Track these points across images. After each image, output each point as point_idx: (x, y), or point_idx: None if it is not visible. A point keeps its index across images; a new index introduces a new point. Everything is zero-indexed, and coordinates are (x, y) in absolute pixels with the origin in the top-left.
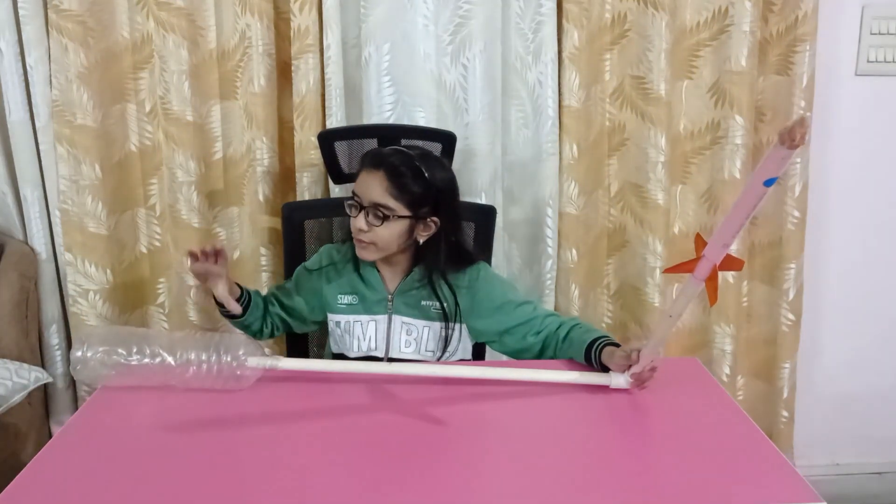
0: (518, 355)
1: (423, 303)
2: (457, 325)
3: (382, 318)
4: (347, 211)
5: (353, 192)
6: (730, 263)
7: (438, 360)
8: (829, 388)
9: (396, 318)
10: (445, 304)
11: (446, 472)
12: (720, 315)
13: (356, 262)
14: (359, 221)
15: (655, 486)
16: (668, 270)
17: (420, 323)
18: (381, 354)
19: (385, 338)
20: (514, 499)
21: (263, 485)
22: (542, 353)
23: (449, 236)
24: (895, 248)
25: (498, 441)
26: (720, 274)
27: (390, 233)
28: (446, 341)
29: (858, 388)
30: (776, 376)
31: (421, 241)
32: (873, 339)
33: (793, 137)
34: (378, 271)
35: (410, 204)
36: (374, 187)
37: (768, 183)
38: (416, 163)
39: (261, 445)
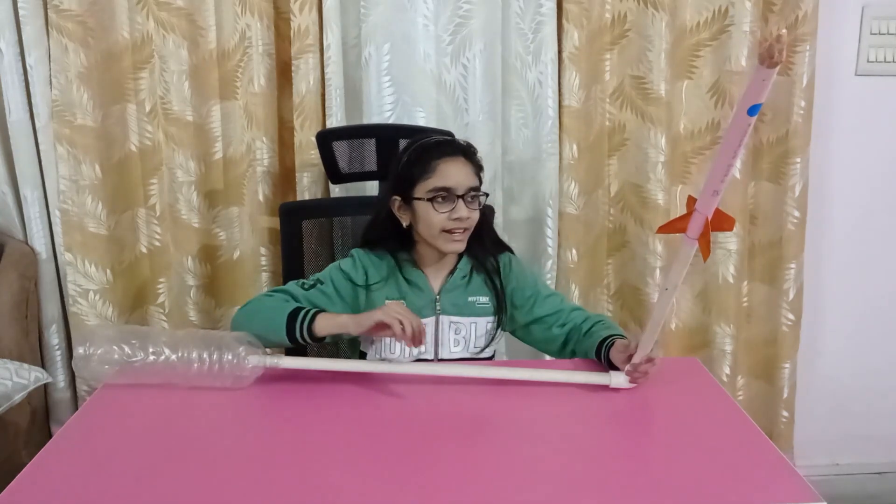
0: (542, 346)
1: (469, 299)
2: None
3: (430, 320)
4: (435, 208)
5: (439, 188)
6: (720, 221)
7: (483, 349)
8: (829, 388)
9: (444, 319)
10: (498, 285)
11: (446, 471)
12: (720, 315)
13: (399, 266)
14: (462, 210)
15: (655, 486)
16: (661, 229)
17: (467, 320)
18: (430, 357)
19: (434, 339)
20: (514, 498)
21: (264, 484)
22: (564, 346)
23: (488, 214)
24: (895, 248)
25: (498, 440)
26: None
27: (478, 213)
28: (498, 325)
29: (858, 388)
30: (776, 376)
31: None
32: (873, 339)
33: (771, 55)
34: (423, 272)
35: (481, 181)
36: (465, 173)
37: (752, 111)
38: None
39: (261, 444)
